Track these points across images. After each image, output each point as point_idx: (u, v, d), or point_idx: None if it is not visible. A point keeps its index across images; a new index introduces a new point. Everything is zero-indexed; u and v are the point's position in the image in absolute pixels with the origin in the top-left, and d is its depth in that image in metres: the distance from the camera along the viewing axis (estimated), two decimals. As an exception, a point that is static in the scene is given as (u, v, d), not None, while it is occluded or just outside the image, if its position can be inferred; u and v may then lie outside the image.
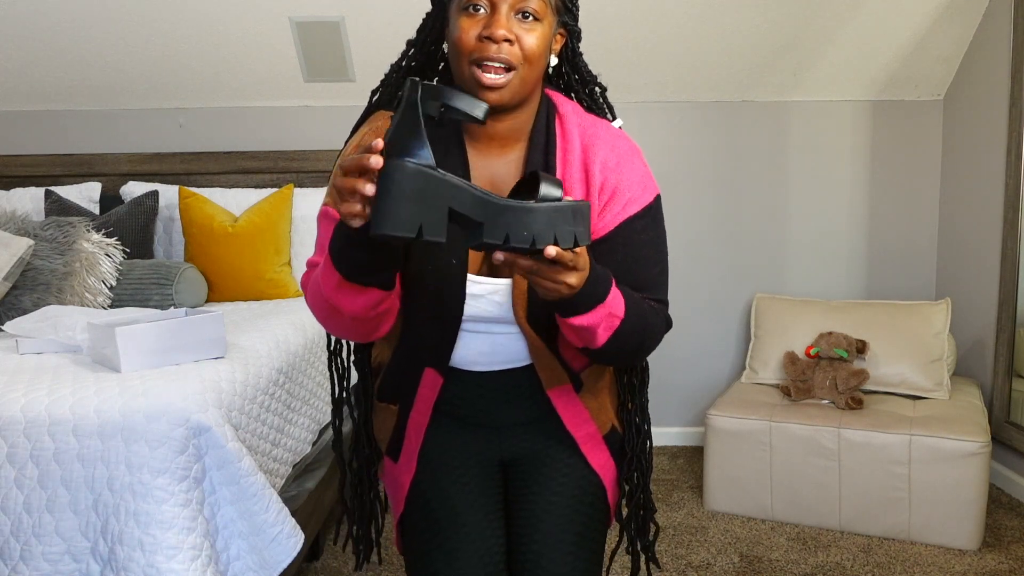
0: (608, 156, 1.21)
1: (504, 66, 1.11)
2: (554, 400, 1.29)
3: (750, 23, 3.02)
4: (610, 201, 1.20)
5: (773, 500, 2.68)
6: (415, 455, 1.32)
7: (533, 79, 1.15)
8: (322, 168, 3.23)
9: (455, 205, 0.92)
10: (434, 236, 0.91)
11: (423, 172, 0.90)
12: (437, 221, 0.91)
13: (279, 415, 2.02)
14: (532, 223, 0.94)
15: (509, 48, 1.11)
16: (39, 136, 3.33)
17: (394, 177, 0.89)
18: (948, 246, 3.30)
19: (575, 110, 1.25)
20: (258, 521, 1.60)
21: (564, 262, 0.98)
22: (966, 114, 3.15)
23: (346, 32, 3.03)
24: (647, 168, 1.25)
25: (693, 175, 3.35)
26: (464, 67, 1.13)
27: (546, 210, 0.95)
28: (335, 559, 2.45)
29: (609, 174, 1.20)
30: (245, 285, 2.85)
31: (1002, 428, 2.87)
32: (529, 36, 1.12)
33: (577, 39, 1.26)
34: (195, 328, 1.81)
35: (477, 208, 0.94)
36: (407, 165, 0.90)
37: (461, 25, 1.12)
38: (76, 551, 1.51)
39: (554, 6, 1.16)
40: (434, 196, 0.91)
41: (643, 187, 1.22)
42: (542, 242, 0.95)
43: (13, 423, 1.54)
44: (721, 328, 3.44)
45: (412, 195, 0.90)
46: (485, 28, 1.11)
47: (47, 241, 2.53)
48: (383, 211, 0.89)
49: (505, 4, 1.11)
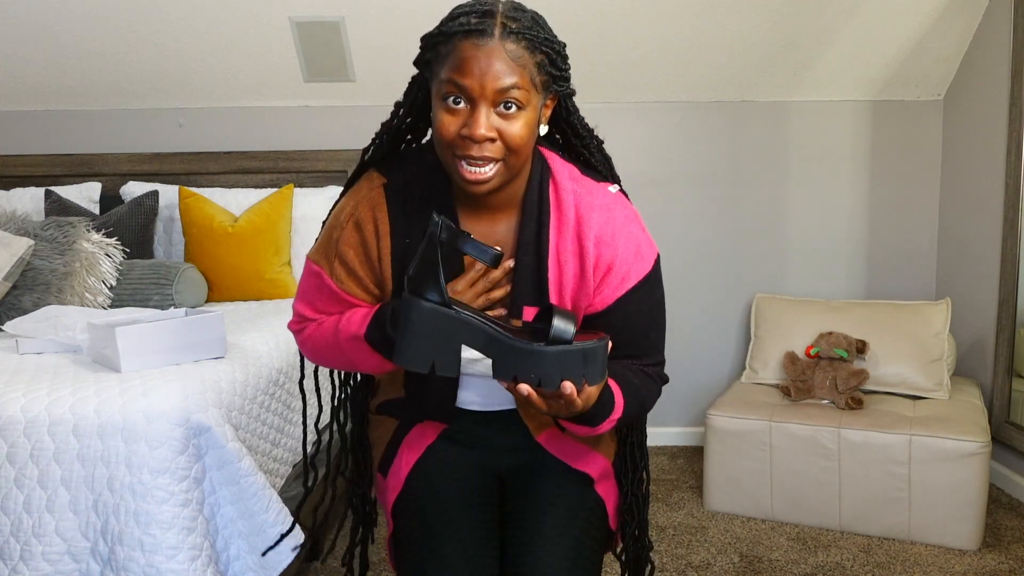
0: (603, 229, 1.18)
1: (486, 162, 1.08)
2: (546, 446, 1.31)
3: (750, 23, 3.02)
4: (606, 277, 1.19)
5: (773, 500, 2.68)
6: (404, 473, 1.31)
7: (520, 163, 1.12)
8: (322, 168, 3.23)
9: (467, 343, 0.99)
10: (447, 372, 1.00)
11: (437, 312, 0.98)
12: (450, 358, 1.00)
13: (279, 415, 2.02)
14: (540, 365, 0.98)
15: (491, 145, 1.07)
16: (39, 136, 3.33)
17: (411, 316, 0.98)
18: (948, 246, 3.30)
19: (570, 175, 1.21)
20: (258, 521, 1.60)
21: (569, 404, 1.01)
22: (966, 114, 3.15)
23: (346, 32, 3.03)
24: (644, 234, 1.22)
25: (693, 175, 3.36)
26: (447, 157, 1.10)
27: (555, 354, 0.98)
28: (335, 559, 2.45)
29: (604, 249, 1.18)
30: (245, 285, 2.85)
31: (1002, 428, 2.87)
32: (513, 126, 1.07)
33: (571, 97, 1.21)
34: (195, 328, 1.81)
35: (488, 347, 1.00)
36: (424, 306, 0.98)
37: (441, 118, 1.08)
38: (76, 551, 1.51)
39: (540, 84, 1.10)
40: (447, 334, 0.99)
41: (638, 257, 1.20)
42: (548, 385, 0.99)
43: (13, 423, 1.54)
44: (721, 328, 3.44)
45: (427, 333, 0.98)
46: (465, 127, 1.06)
47: (47, 241, 2.53)
48: (401, 347, 0.99)
49: (484, 102, 1.05)
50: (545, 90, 1.12)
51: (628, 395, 1.16)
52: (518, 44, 1.06)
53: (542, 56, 1.08)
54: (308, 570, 2.39)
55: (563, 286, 1.18)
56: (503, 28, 1.06)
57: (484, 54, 1.04)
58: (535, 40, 1.07)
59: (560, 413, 1.05)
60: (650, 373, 1.25)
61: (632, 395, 1.17)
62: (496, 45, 1.05)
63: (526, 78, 1.07)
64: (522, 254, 1.19)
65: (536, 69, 1.08)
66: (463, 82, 1.05)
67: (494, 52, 1.04)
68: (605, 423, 1.14)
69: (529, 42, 1.07)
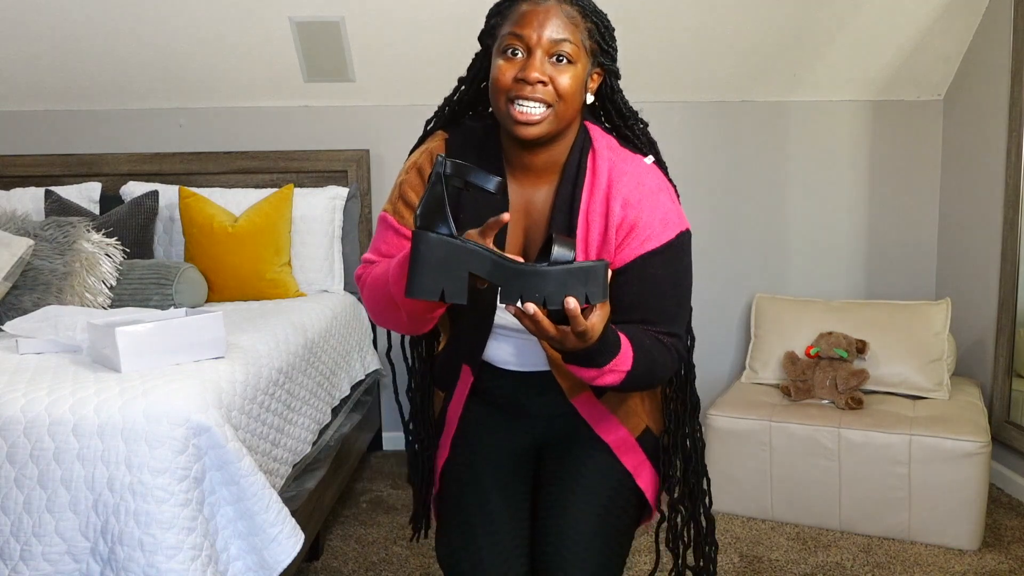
0: (631, 193, 1.27)
1: (538, 105, 1.19)
2: (578, 407, 1.37)
3: (750, 23, 3.02)
4: (627, 236, 1.26)
5: (773, 500, 2.68)
6: (449, 440, 1.45)
7: (568, 116, 1.23)
8: (322, 168, 3.23)
9: (473, 269, 1.05)
10: (456, 299, 1.05)
11: (444, 242, 1.04)
12: (458, 285, 1.05)
13: (279, 415, 2.02)
14: (543, 285, 1.04)
15: (543, 88, 1.19)
16: (39, 136, 3.33)
17: (420, 248, 1.04)
18: (948, 246, 3.30)
19: (609, 145, 1.31)
20: (258, 521, 1.60)
21: (573, 324, 1.06)
22: (966, 114, 3.15)
23: (346, 32, 3.03)
24: (674, 205, 1.29)
25: (693, 175, 3.36)
26: (501, 103, 1.22)
27: (557, 273, 1.04)
28: (335, 559, 2.45)
29: (629, 210, 1.26)
30: (245, 285, 2.85)
31: (1002, 428, 2.87)
32: (563, 77, 1.19)
33: (616, 78, 1.33)
34: (195, 328, 1.81)
35: (494, 272, 1.06)
36: (430, 237, 1.04)
37: (499, 67, 1.21)
38: (76, 551, 1.51)
39: (589, 49, 1.23)
40: (455, 263, 1.04)
41: (664, 224, 1.26)
42: (552, 303, 1.05)
43: (13, 423, 1.54)
44: (721, 328, 3.44)
45: (435, 263, 1.04)
46: (521, 71, 1.19)
47: (47, 241, 2.53)
48: (411, 278, 1.05)
49: (539, 49, 1.19)
50: (593, 57, 1.25)
51: (637, 350, 1.19)
52: (572, 7, 1.22)
53: (592, 25, 1.24)
54: (308, 570, 2.40)
55: (588, 244, 1.27)
56: None
57: (543, 10, 1.20)
58: (586, 9, 1.23)
59: (567, 339, 1.09)
60: (665, 342, 1.26)
61: (642, 352, 1.20)
62: (553, 4, 1.20)
63: (577, 37, 1.21)
64: (557, 212, 1.29)
65: (586, 34, 1.23)
66: (523, 32, 1.19)
67: (552, 10, 1.20)
68: (609, 370, 1.17)
69: (582, 9, 1.23)
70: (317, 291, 3.03)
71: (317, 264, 3.04)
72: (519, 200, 1.32)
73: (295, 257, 3.00)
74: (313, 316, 2.54)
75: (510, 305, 1.06)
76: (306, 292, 3.00)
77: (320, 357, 2.45)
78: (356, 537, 2.60)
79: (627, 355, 1.18)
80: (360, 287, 1.35)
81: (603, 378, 1.18)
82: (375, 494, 2.94)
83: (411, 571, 2.39)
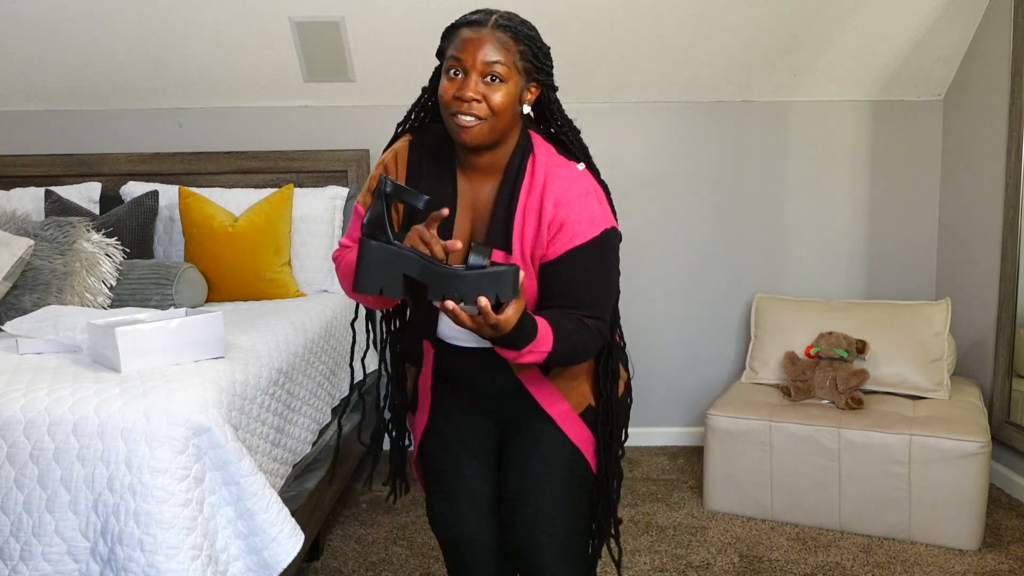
0: (562, 194, 1.45)
1: (473, 118, 1.39)
2: (525, 382, 1.54)
3: (750, 23, 3.02)
4: (558, 232, 1.44)
5: (773, 500, 2.68)
6: (427, 409, 1.64)
7: (501, 126, 1.42)
8: (322, 168, 3.23)
9: (406, 271, 1.28)
10: (392, 295, 1.29)
11: (383, 248, 1.28)
12: (394, 284, 1.28)
13: (279, 415, 2.02)
14: (460, 286, 1.26)
15: (478, 105, 1.38)
16: (39, 136, 3.33)
17: (363, 252, 1.28)
18: (948, 246, 3.30)
19: (548, 152, 1.50)
20: (258, 521, 1.60)
21: (485, 318, 1.26)
22: (966, 114, 3.15)
23: (346, 32, 3.03)
24: (601, 207, 1.47)
25: (693, 175, 3.36)
26: (446, 116, 1.42)
27: (472, 277, 1.26)
28: (335, 559, 2.45)
29: (560, 209, 1.44)
30: (245, 285, 2.85)
31: (1002, 428, 2.87)
32: (495, 95, 1.38)
33: (552, 90, 1.51)
34: (195, 328, 1.81)
35: (423, 274, 1.27)
36: (371, 244, 1.27)
37: (444, 85, 1.41)
38: (76, 551, 1.51)
39: (522, 69, 1.41)
40: (391, 265, 1.28)
41: (590, 223, 1.44)
42: (468, 301, 1.26)
43: (13, 423, 1.54)
44: (721, 328, 3.44)
45: (375, 265, 1.27)
46: (459, 90, 1.38)
47: (47, 241, 2.53)
48: (356, 277, 1.29)
49: (474, 72, 1.38)
50: (527, 75, 1.43)
51: (558, 333, 1.39)
52: (505, 34, 1.39)
53: (524, 47, 1.41)
54: (308, 570, 2.40)
55: (524, 236, 1.46)
56: (495, 22, 1.40)
57: (479, 37, 1.38)
58: (518, 33, 1.41)
59: (483, 330, 1.29)
60: (588, 324, 1.45)
61: (562, 335, 1.39)
62: (488, 32, 1.39)
63: (509, 59, 1.39)
64: (497, 207, 1.48)
65: (519, 55, 1.40)
66: (461, 55, 1.38)
67: (486, 37, 1.39)
68: (529, 351, 1.36)
69: (514, 34, 1.40)
70: (317, 291, 3.03)
71: (317, 264, 3.04)
72: (467, 195, 1.51)
73: (295, 257, 3.00)
74: (313, 316, 2.54)
75: (435, 301, 1.27)
76: (306, 292, 3.00)
77: (320, 357, 2.45)
78: (356, 537, 2.60)
79: (546, 338, 1.37)
80: (336, 267, 1.58)
81: (523, 357, 1.37)
82: (375, 494, 2.94)
83: (411, 571, 2.39)
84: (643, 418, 3.43)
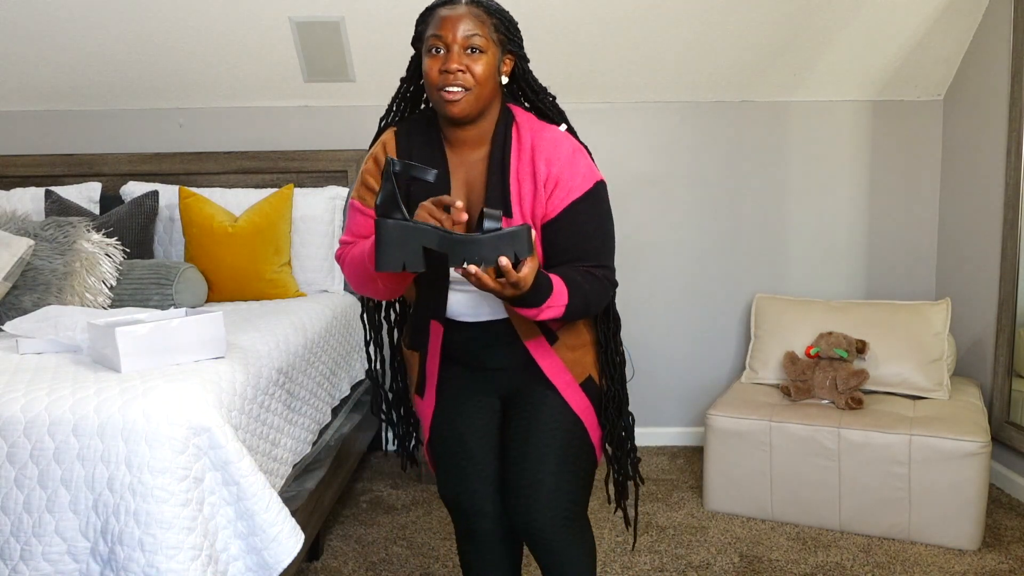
0: (551, 154, 1.53)
1: (460, 88, 1.47)
2: (531, 349, 1.61)
3: (750, 23, 3.02)
4: (554, 190, 1.52)
5: (773, 500, 2.68)
6: (434, 392, 1.69)
7: (486, 95, 1.51)
8: (322, 168, 3.23)
9: (426, 243, 1.31)
10: (415, 269, 1.32)
11: (400, 225, 1.31)
12: (415, 257, 1.32)
13: (279, 415, 2.02)
14: (480, 250, 1.30)
15: (463, 76, 1.47)
16: (39, 136, 3.33)
17: (381, 232, 1.31)
18: (948, 246, 3.30)
19: (528, 119, 1.59)
20: (258, 521, 1.60)
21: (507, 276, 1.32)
22: (966, 114, 3.15)
23: (346, 32, 3.03)
24: (588, 161, 1.56)
25: (693, 175, 3.36)
26: (433, 92, 1.50)
27: (488, 239, 1.30)
28: (335, 559, 2.45)
29: (552, 168, 1.52)
30: (245, 285, 2.85)
31: (1002, 428, 2.87)
32: (477, 65, 1.48)
33: (525, 61, 1.61)
34: (195, 328, 1.81)
35: (441, 244, 1.31)
36: (388, 222, 1.31)
37: (428, 64, 1.50)
38: (76, 551, 1.51)
39: (497, 40, 1.51)
40: (410, 240, 1.31)
41: (583, 177, 1.53)
42: (488, 263, 1.31)
43: (13, 423, 1.54)
44: (721, 328, 3.44)
45: (395, 242, 1.31)
46: (443, 64, 1.47)
47: (47, 241, 2.53)
48: (378, 257, 1.32)
49: (456, 45, 1.47)
50: (501, 47, 1.53)
51: (571, 287, 1.47)
52: (479, 8, 1.50)
53: (496, 20, 1.52)
54: (308, 570, 2.40)
55: (522, 197, 1.53)
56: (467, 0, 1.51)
57: (456, 15, 1.49)
58: (490, 8, 1.52)
59: (505, 289, 1.34)
60: (596, 274, 1.53)
61: (575, 288, 1.47)
62: (464, 9, 1.50)
63: (485, 31, 1.49)
64: (491, 175, 1.54)
65: (492, 28, 1.51)
66: (441, 33, 1.48)
67: (462, 14, 1.49)
68: (546, 305, 1.43)
69: (486, 9, 1.51)
70: (317, 291, 3.03)
71: (317, 264, 3.04)
72: (459, 171, 1.58)
73: (295, 257, 3.00)
74: (313, 316, 2.54)
75: (457, 268, 1.31)
76: (306, 292, 3.00)
77: (320, 357, 2.45)
78: (356, 537, 2.60)
79: (561, 292, 1.45)
80: (340, 264, 1.63)
81: (543, 314, 1.44)
82: (375, 494, 2.94)
83: (411, 571, 2.39)
84: (643, 418, 3.43)
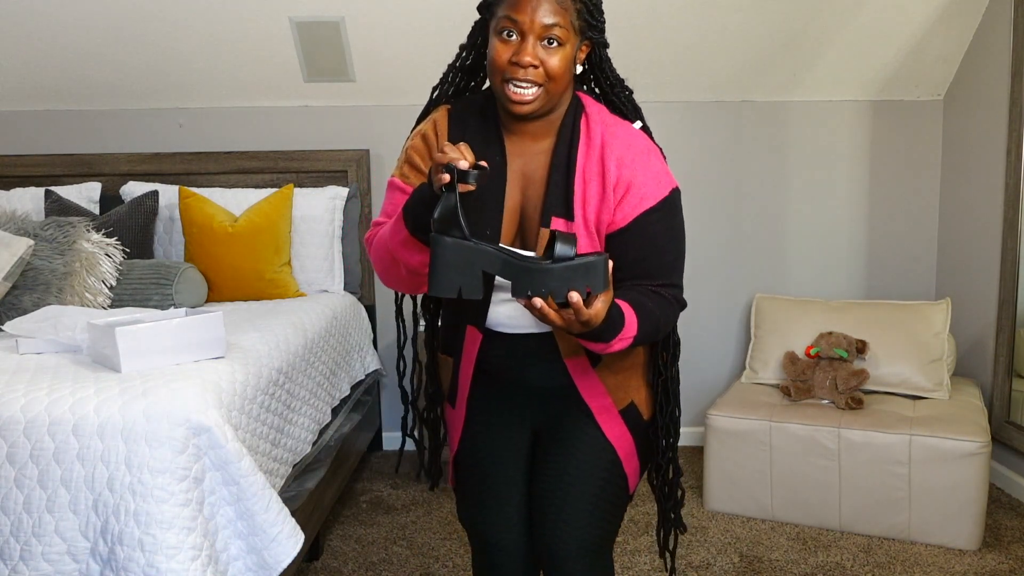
0: (624, 153, 1.35)
1: (530, 85, 1.29)
2: (570, 368, 1.45)
3: (750, 23, 3.02)
4: (625, 195, 1.35)
5: (773, 500, 2.68)
6: (464, 405, 1.55)
7: (558, 92, 1.32)
8: (322, 168, 3.23)
9: (486, 268, 1.16)
10: (472, 295, 1.16)
11: (459, 244, 1.15)
12: (474, 283, 1.16)
13: (279, 415, 2.02)
14: (549, 281, 1.14)
15: (535, 71, 1.28)
16: (39, 136, 3.33)
17: (437, 251, 1.15)
18: (948, 246, 3.30)
19: (600, 111, 1.40)
20: (258, 521, 1.60)
21: (577, 314, 1.15)
22: (966, 114, 3.15)
23: (346, 32, 3.03)
24: (663, 165, 1.38)
25: (693, 175, 3.36)
26: (497, 81, 1.31)
27: (560, 270, 1.14)
28: (335, 559, 2.45)
29: (623, 170, 1.35)
30: (245, 285, 2.85)
31: (1002, 428, 2.87)
32: (553, 59, 1.28)
33: (604, 47, 1.42)
34: (195, 328, 1.81)
35: (504, 270, 1.16)
36: (446, 240, 1.15)
37: (496, 47, 1.30)
38: (76, 551, 1.51)
39: (577, 28, 1.32)
40: (469, 263, 1.16)
41: (657, 182, 1.35)
42: (558, 297, 1.14)
43: (13, 423, 1.54)
44: (721, 328, 3.44)
45: (452, 264, 1.15)
46: (515, 54, 1.28)
47: (47, 241, 2.53)
48: (432, 278, 1.16)
49: (532, 34, 1.27)
50: (581, 34, 1.34)
51: (641, 316, 1.29)
52: None
53: (581, 5, 1.32)
54: (308, 570, 2.40)
55: (587, 200, 1.36)
56: None
57: None
58: None
59: (573, 327, 1.17)
60: (666, 295, 1.37)
61: (646, 316, 1.30)
62: None
63: (567, 20, 1.29)
64: (553, 171, 1.37)
65: (575, 15, 1.31)
66: (517, 17, 1.27)
67: None
68: (617, 340, 1.26)
69: None
70: (317, 291, 3.03)
71: (317, 264, 3.04)
72: (517, 162, 1.40)
73: (295, 257, 3.00)
74: (313, 316, 2.54)
75: (520, 299, 1.16)
76: (306, 292, 3.00)
77: (320, 357, 2.45)
78: (356, 537, 2.60)
79: (632, 323, 1.27)
80: (368, 248, 1.45)
81: (612, 348, 1.27)
82: (375, 494, 2.94)
83: (411, 571, 2.39)
84: (643, 418, 3.43)
